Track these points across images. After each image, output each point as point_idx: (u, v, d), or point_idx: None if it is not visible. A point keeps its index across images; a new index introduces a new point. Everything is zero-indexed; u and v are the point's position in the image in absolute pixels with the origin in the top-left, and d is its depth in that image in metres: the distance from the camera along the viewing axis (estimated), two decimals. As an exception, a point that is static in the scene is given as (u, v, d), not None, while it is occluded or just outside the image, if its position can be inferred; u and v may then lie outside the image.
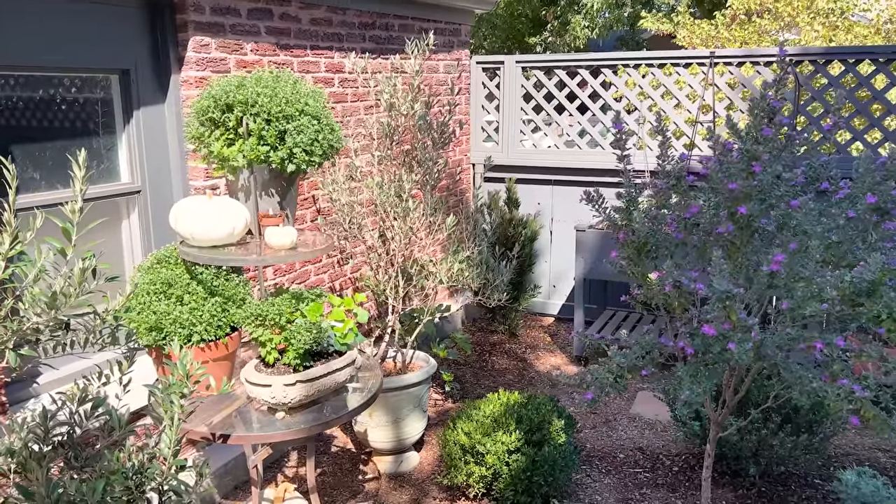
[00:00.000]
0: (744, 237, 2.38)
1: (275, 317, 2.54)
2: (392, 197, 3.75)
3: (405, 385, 3.75)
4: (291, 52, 4.16)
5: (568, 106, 6.11)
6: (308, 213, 4.36)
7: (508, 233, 5.70)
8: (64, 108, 3.23)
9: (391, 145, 3.97)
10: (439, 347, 4.66)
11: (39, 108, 3.12)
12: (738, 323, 2.16)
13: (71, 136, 3.25)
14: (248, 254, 2.58)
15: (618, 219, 2.60)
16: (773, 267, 2.14)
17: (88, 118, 3.33)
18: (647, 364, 2.45)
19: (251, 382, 2.53)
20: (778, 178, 2.32)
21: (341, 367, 2.64)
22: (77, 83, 3.26)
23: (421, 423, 3.94)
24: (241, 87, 2.63)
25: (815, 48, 5.46)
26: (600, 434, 4.35)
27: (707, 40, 11.20)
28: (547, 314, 6.49)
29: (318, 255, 2.73)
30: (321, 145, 2.68)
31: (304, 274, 4.43)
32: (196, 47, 3.52)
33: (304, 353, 2.57)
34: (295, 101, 2.65)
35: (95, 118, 3.36)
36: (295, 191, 2.87)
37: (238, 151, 2.60)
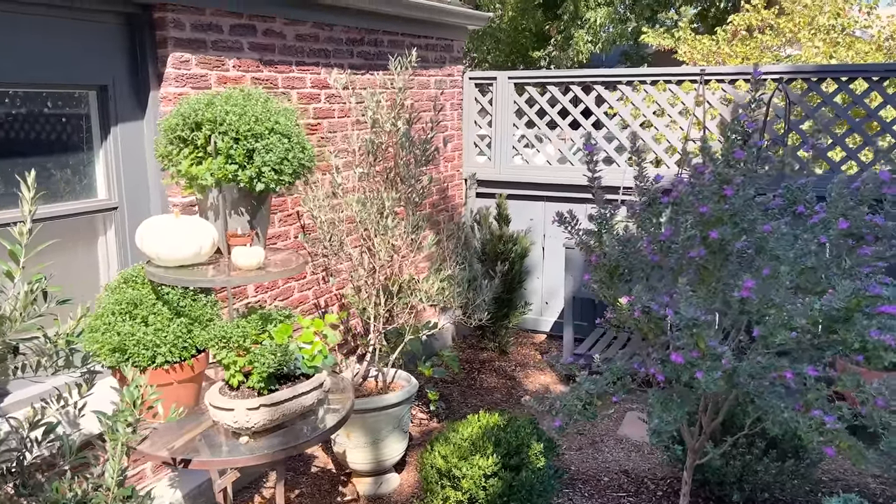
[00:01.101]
0: (717, 261, 2.33)
1: (238, 339, 2.50)
2: (373, 214, 3.71)
3: (384, 406, 3.70)
4: (276, 68, 4.13)
5: (560, 122, 6.07)
6: (292, 229, 4.33)
7: (498, 249, 5.65)
8: (39, 124, 3.21)
9: (374, 162, 3.93)
10: (425, 365, 4.61)
11: (12, 123, 3.10)
12: (708, 351, 2.11)
13: (46, 153, 3.23)
14: (215, 274, 2.54)
15: (589, 241, 2.55)
16: (742, 293, 2.08)
17: (64, 134, 3.31)
18: (617, 391, 2.39)
19: (214, 406, 2.48)
20: (751, 201, 2.27)
21: (308, 390, 2.59)
22: (53, 99, 3.24)
23: (401, 445, 3.88)
24: (210, 106, 2.60)
25: (808, 66, 5.42)
26: (586, 456, 4.28)
27: (708, 56, 11.17)
28: (539, 331, 6.43)
29: (288, 275, 2.68)
30: (291, 164, 2.64)
31: (288, 291, 4.39)
32: (175, 63, 3.49)
33: (270, 376, 2.52)
34: (265, 120, 2.62)
35: (71, 134, 3.33)
36: (266, 209, 2.83)
37: (206, 170, 2.56)
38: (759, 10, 10.18)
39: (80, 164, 3.37)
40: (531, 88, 6.15)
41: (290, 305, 4.42)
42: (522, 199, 6.22)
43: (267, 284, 4.20)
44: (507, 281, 5.67)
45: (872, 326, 2.09)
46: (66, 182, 3.32)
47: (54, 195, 3.26)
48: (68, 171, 3.32)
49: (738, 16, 10.43)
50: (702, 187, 2.26)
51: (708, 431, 2.67)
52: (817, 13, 9.78)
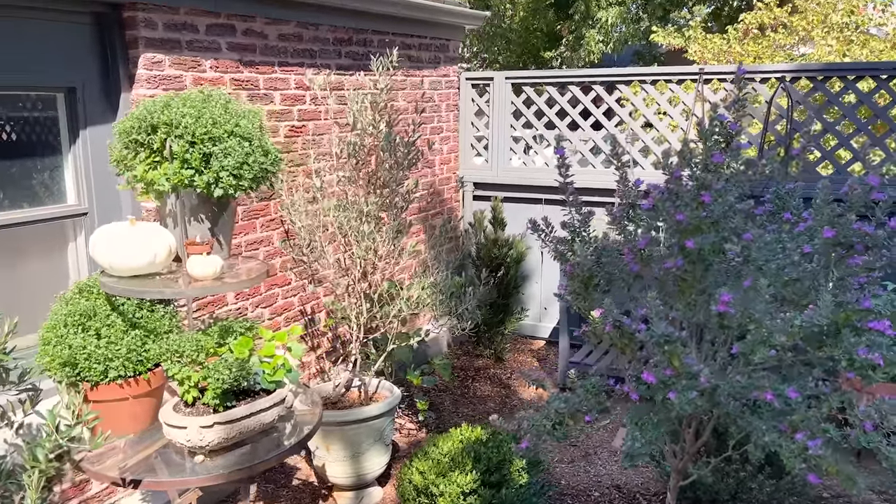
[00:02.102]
0: (696, 272, 2.18)
1: (192, 353, 2.38)
2: (352, 220, 3.58)
3: (363, 418, 3.57)
4: (257, 69, 4.02)
5: (558, 123, 5.92)
6: (275, 234, 4.21)
7: (493, 254, 5.51)
8: (4, 128, 3.11)
9: (356, 166, 3.80)
10: (414, 374, 4.48)
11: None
12: (683, 369, 1.96)
13: (12, 157, 3.13)
14: (168, 285, 2.42)
15: (563, 250, 2.41)
16: (719, 308, 1.93)
17: (32, 137, 3.21)
18: (591, 409, 2.25)
19: (167, 423, 2.36)
20: (732, 207, 2.12)
21: (267, 407, 2.47)
22: (18, 101, 3.14)
23: (382, 458, 3.75)
24: (166, 107, 2.49)
25: (813, 64, 5.24)
26: (577, 469, 4.13)
27: (719, 55, 10.96)
28: (538, 337, 6.28)
29: (247, 286, 2.56)
30: (251, 169, 2.52)
31: (271, 297, 4.28)
32: (147, 64, 3.39)
33: (227, 392, 2.40)
34: (223, 123, 2.50)
35: (39, 138, 3.24)
36: (229, 216, 2.71)
37: (162, 175, 2.45)
38: (772, 8, 9.97)
39: (47, 169, 3.27)
40: (528, 89, 6.00)
41: (274, 312, 4.31)
42: (520, 202, 6.07)
43: (248, 291, 4.09)
44: (502, 286, 5.54)
45: (861, 343, 1.93)
46: (33, 187, 3.22)
47: (22, 200, 3.16)
48: (36, 177, 3.23)
49: (751, 14, 10.21)
50: (678, 193, 2.11)
51: (692, 451, 2.52)
52: (831, 11, 9.54)
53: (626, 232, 2.51)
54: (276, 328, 4.33)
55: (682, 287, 2.20)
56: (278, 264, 4.28)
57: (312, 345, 4.68)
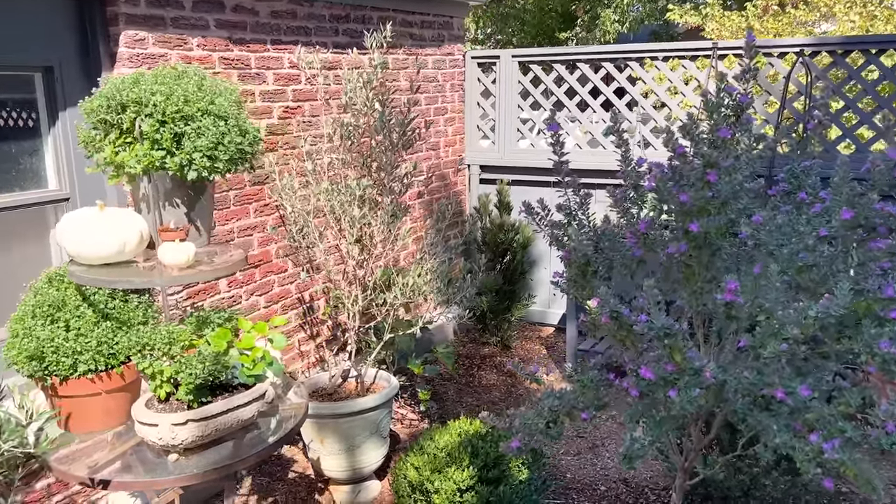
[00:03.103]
0: (702, 257, 2.00)
1: (164, 346, 2.24)
2: (345, 204, 3.43)
3: (359, 410, 3.43)
4: (248, 47, 3.86)
5: (567, 103, 5.72)
6: (270, 219, 4.07)
7: (499, 239, 5.34)
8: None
9: (350, 147, 3.64)
10: (416, 363, 4.35)
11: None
12: (685, 364, 1.79)
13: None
14: (140, 274, 2.28)
15: (559, 235, 2.24)
16: (726, 297, 1.76)
17: (9, 120, 3.08)
18: (588, 406, 2.09)
19: (139, 421, 2.23)
20: (740, 186, 1.94)
21: (246, 402, 2.33)
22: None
23: (379, 451, 3.61)
24: (135, 85, 2.34)
25: (833, 37, 5.00)
26: (583, 462, 3.97)
27: (737, 33, 10.66)
28: (546, 324, 6.11)
29: (225, 273, 2.42)
30: (227, 149, 2.36)
31: (267, 285, 4.14)
32: (129, 42, 3.24)
33: (202, 387, 2.26)
34: (196, 100, 2.34)
35: (17, 120, 3.10)
36: (208, 200, 2.56)
37: (132, 157, 2.30)
38: (793, -18, 9.64)
39: (26, 153, 3.14)
40: (536, 68, 5.79)
41: (270, 300, 4.17)
42: (528, 184, 5.88)
43: (242, 279, 3.95)
44: (508, 272, 5.37)
45: (884, 335, 1.75)
46: (12, 172, 3.09)
47: (0, 186, 3.04)
48: (14, 161, 3.09)
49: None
50: (682, 172, 1.94)
51: (699, 449, 2.35)
52: (854, -15, 9.21)
53: (628, 214, 2.34)
54: (272, 316, 4.20)
55: (687, 274, 2.02)
56: (274, 251, 4.14)
57: (312, 333, 4.55)
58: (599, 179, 5.42)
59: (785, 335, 1.67)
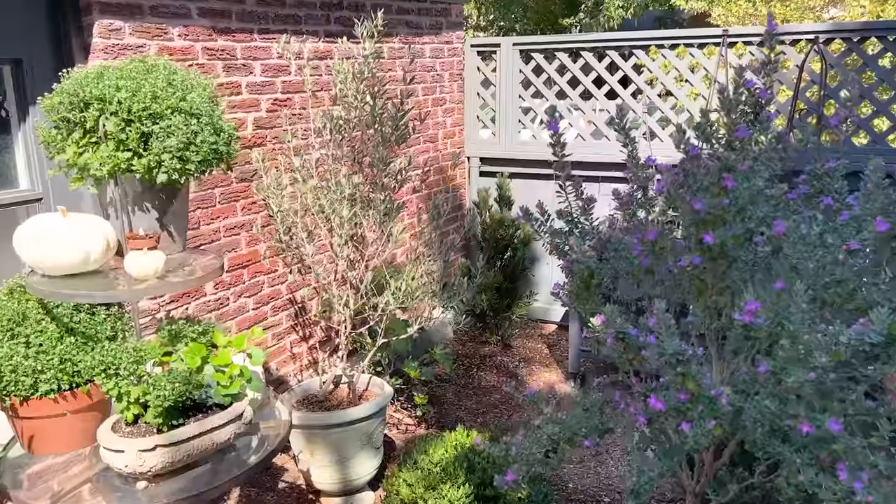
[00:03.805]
0: (717, 269, 1.81)
1: (130, 366, 2.06)
2: (334, 203, 3.24)
3: (349, 421, 3.26)
4: (233, 37, 3.67)
5: (570, 92, 5.50)
6: (259, 217, 3.88)
7: (499, 235, 5.15)
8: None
9: (341, 142, 3.45)
10: (412, 365, 4.18)
11: None
12: (699, 392, 1.61)
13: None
14: (104, 286, 2.10)
15: (560, 243, 2.06)
16: (744, 318, 1.58)
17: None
18: (591, 433, 1.91)
19: (104, 447, 2.06)
20: (760, 192, 1.75)
21: (221, 424, 2.15)
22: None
23: (372, 462, 3.45)
24: (99, 80, 2.15)
25: (849, 23, 4.78)
26: (587, 470, 3.81)
27: (744, 18, 10.41)
28: (549, 321, 5.93)
29: (198, 284, 2.25)
30: (199, 150, 2.18)
31: (256, 286, 3.96)
32: (103, 32, 3.05)
33: (172, 408, 2.08)
34: (166, 97, 2.16)
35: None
36: (182, 203, 2.38)
37: (96, 159, 2.12)
38: (801, -34, 9.40)
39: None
40: (538, 55, 5.58)
41: (260, 302, 3.99)
42: (530, 177, 5.68)
43: (230, 280, 3.78)
44: (508, 269, 5.19)
45: (920, 360, 1.57)
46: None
47: (-35, 186, 2.87)
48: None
49: (778, -27, 9.63)
50: (695, 176, 1.75)
51: (711, 474, 2.18)
52: (864, -32, 8.95)
53: (635, 218, 2.15)
54: (262, 318, 4.03)
55: (700, 288, 1.84)
56: (263, 250, 3.96)
57: (304, 334, 4.38)
58: (604, 172, 5.24)
59: (812, 363, 1.49)
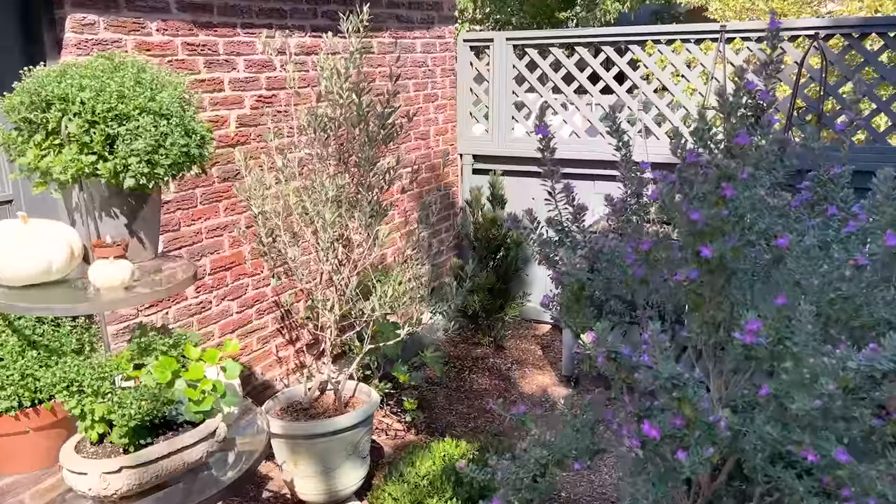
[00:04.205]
0: (715, 283, 1.70)
1: (93, 382, 1.95)
2: (318, 205, 3.12)
3: (335, 430, 3.15)
4: (215, 32, 3.54)
5: (564, 88, 5.39)
6: (242, 218, 3.77)
7: (492, 234, 5.04)
8: None
9: (326, 141, 3.34)
10: (402, 369, 4.07)
11: None
12: (696, 418, 1.50)
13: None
14: (68, 298, 1.98)
15: (550, 253, 1.95)
16: (745, 338, 1.47)
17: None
18: (582, 455, 1.80)
19: (66, 468, 1.95)
20: (762, 203, 1.64)
21: (193, 442, 2.04)
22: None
23: (358, 472, 3.34)
24: (62, 79, 2.03)
25: (850, 18, 4.66)
26: (579, 478, 3.71)
27: (741, 13, 10.31)
28: (543, 321, 5.82)
29: (167, 294, 2.13)
30: (169, 153, 2.06)
31: (239, 288, 3.85)
32: (76, 27, 2.92)
33: (140, 427, 1.97)
34: (133, 97, 2.04)
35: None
36: (153, 209, 2.26)
37: (59, 163, 2.00)
38: (799, -40, 9.28)
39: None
40: (532, 51, 5.46)
41: (244, 305, 3.88)
42: (524, 175, 5.56)
43: (212, 283, 3.66)
44: (501, 269, 5.08)
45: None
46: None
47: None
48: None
49: (775, -33, 9.52)
50: (692, 184, 1.64)
51: (709, 493, 2.07)
52: (863, -38, 8.83)
53: (630, 224, 2.04)
54: (247, 322, 3.92)
55: (697, 302, 1.73)
56: (247, 251, 3.84)
57: (290, 337, 4.27)
58: (599, 170, 5.13)
59: (819, 390, 1.38)
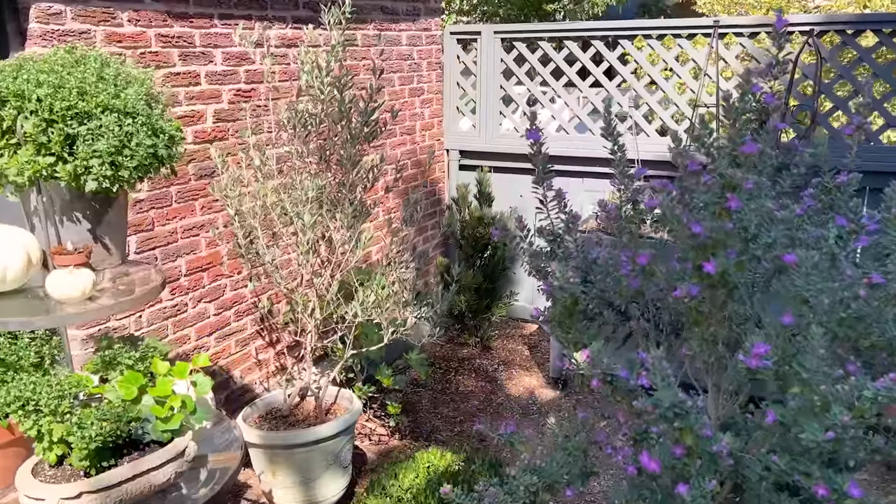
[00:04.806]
0: (717, 298, 1.60)
1: (51, 402, 1.82)
2: (298, 205, 3.00)
3: (315, 440, 3.03)
4: (191, 23, 3.39)
5: (553, 84, 5.27)
6: (220, 216, 3.63)
7: (479, 233, 4.92)
8: None
9: (307, 138, 3.20)
10: (386, 373, 3.95)
11: None
12: (698, 447, 1.40)
13: None
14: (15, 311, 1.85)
15: (541, 265, 1.83)
16: (750, 362, 1.36)
17: None
18: (574, 480, 1.70)
19: (23, 493, 1.82)
20: (770, 215, 1.53)
21: (160, 463, 1.92)
22: None
23: (339, 482, 3.22)
24: (18, 74, 1.89)
25: (844, 15, 4.58)
26: (568, 487, 3.60)
27: (730, 7, 10.21)
28: (530, 320, 5.72)
29: (133, 306, 2.00)
30: (135, 154, 1.93)
31: (217, 290, 3.71)
32: (41, 17, 2.77)
33: (103, 448, 1.85)
34: (95, 93, 1.90)
35: None
36: (119, 213, 2.13)
37: (14, 164, 1.86)
38: (788, -46, 9.18)
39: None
40: (520, 44, 5.34)
41: (221, 307, 3.75)
42: (513, 172, 5.45)
43: (188, 284, 3.53)
44: (488, 269, 4.97)
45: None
46: None
47: None
48: None
49: (765, -39, 9.42)
50: (695, 195, 1.53)
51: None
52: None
53: (624, 233, 1.93)
54: (225, 324, 3.79)
55: (697, 319, 1.62)
56: (225, 251, 3.71)
57: (271, 339, 4.14)
58: (588, 167, 5.03)
59: (832, 420, 1.28)
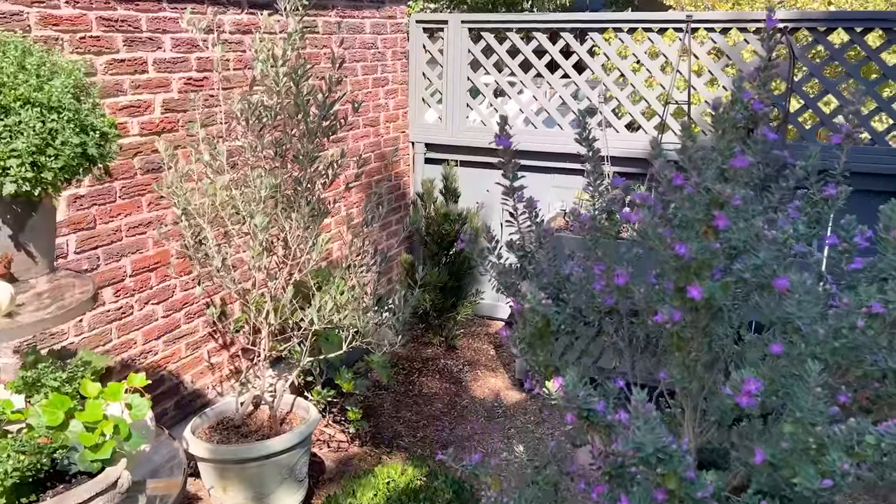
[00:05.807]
0: (700, 322, 1.47)
1: (-39, 431, 1.63)
2: (251, 205, 2.81)
3: (268, 454, 2.87)
4: (137, 6, 3.17)
5: (522, 76, 5.13)
6: (169, 213, 3.42)
7: (444, 230, 4.76)
8: None
9: (261, 132, 3.01)
10: (346, 377, 3.79)
11: None
12: (681, 491, 1.27)
13: None
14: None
15: (512, 282, 1.69)
16: (740, 400, 1.24)
17: None
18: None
19: (-71, 531, 1.63)
20: (760, 234, 1.41)
21: (89, 497, 1.74)
22: None
23: (295, 497, 3.07)
24: (-74, 63, 1.68)
25: (816, 13, 4.50)
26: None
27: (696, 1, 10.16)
28: (496, 317, 5.60)
29: (58, 323, 1.81)
30: (61, 153, 1.74)
31: (166, 291, 3.50)
32: (-34, -3, 2.54)
33: (22, 483, 1.66)
34: (15, 85, 1.70)
35: None
36: (46, 216, 1.93)
37: (-78, 164, 1.66)
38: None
39: None
40: (488, 35, 5.18)
41: (171, 309, 3.54)
42: (480, 166, 5.29)
43: (133, 286, 3.32)
44: (454, 267, 4.83)
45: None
46: None
47: None
48: None
49: (735, -46, 9.37)
50: (679, 211, 1.40)
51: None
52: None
53: (599, 245, 1.80)
54: (175, 326, 3.58)
55: (679, 345, 1.49)
56: (174, 250, 3.50)
57: (224, 342, 3.95)
58: (556, 163, 4.91)
59: (829, 466, 1.16)
